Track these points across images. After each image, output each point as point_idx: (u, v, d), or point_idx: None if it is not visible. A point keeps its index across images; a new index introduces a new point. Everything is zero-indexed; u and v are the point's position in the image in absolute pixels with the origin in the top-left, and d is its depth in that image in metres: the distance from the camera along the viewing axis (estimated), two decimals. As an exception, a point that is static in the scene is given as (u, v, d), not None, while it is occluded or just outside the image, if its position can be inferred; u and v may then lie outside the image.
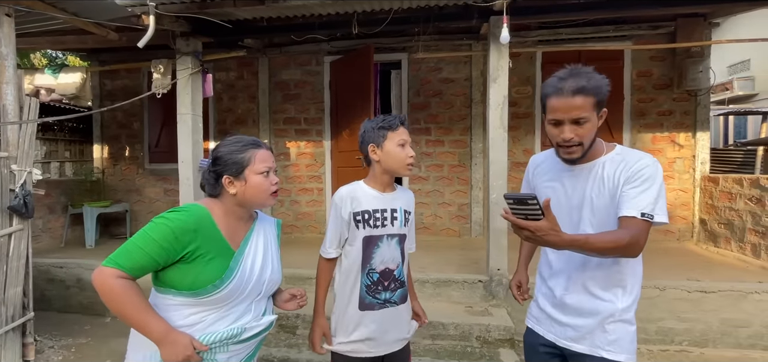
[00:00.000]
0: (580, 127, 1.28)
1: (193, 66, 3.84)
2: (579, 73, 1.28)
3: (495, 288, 3.45)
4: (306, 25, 4.14)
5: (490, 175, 3.45)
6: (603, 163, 1.34)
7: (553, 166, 1.45)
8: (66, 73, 4.34)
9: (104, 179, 5.96)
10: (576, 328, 1.36)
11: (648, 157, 1.31)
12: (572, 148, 1.31)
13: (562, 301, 1.39)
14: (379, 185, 1.57)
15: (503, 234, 3.44)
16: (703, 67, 4.52)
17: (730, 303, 3.18)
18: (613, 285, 1.33)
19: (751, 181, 4.03)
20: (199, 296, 1.18)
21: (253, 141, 1.30)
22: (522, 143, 5.06)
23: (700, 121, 4.76)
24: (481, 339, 3.06)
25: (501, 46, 3.33)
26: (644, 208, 1.23)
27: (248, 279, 1.25)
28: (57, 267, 4.13)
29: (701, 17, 4.53)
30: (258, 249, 1.32)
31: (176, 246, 1.14)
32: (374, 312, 1.56)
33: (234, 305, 1.24)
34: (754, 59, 11.75)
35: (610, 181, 1.31)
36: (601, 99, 1.28)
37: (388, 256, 1.56)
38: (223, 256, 1.21)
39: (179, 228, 1.15)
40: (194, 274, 1.17)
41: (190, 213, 1.19)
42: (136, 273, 1.14)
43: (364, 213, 1.52)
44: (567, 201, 1.39)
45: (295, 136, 5.52)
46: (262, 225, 1.38)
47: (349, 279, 1.56)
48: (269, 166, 1.29)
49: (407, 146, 1.54)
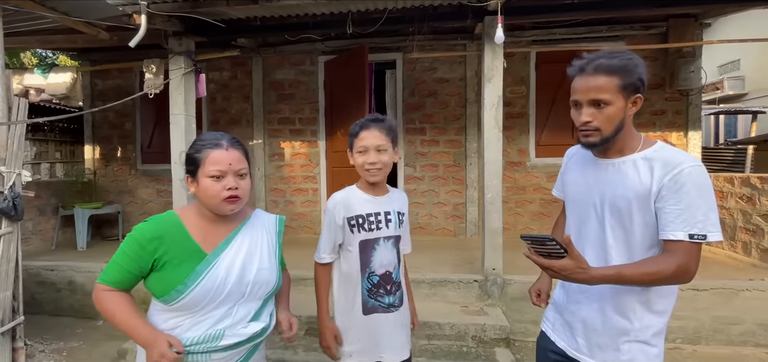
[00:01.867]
0: (598, 110, 1.15)
1: (185, 66, 3.80)
2: (606, 53, 1.17)
3: (490, 288, 3.45)
4: (300, 25, 4.11)
5: (486, 175, 3.46)
6: (634, 160, 1.18)
7: (582, 157, 1.35)
8: (56, 73, 4.27)
9: (96, 180, 5.88)
10: (588, 341, 1.27)
11: (690, 159, 1.12)
12: (589, 132, 1.18)
13: (577, 310, 1.31)
14: (370, 188, 1.55)
15: (498, 233, 3.45)
16: (694, 67, 4.57)
17: (722, 300, 3.22)
18: (635, 302, 1.20)
19: (742, 179, 4.07)
20: (168, 302, 1.16)
21: (215, 139, 1.20)
22: (517, 143, 5.08)
23: (691, 120, 4.81)
24: (477, 338, 3.07)
25: (495, 46, 3.34)
26: (693, 228, 1.08)
27: (223, 282, 1.18)
28: (48, 270, 4.07)
29: (692, 18, 4.57)
30: (240, 250, 1.24)
31: (143, 254, 1.15)
32: (379, 315, 1.54)
33: (210, 309, 1.18)
34: (744, 59, 11.90)
35: (640, 184, 1.16)
36: (631, 82, 1.14)
37: (386, 259, 1.54)
38: (192, 260, 1.17)
39: (143, 237, 1.16)
40: (164, 280, 1.15)
41: (153, 222, 1.19)
42: (120, 286, 1.18)
43: (357, 217, 1.51)
44: (585, 196, 1.28)
45: (289, 136, 5.49)
46: (253, 225, 1.31)
47: (350, 283, 1.55)
48: (221, 169, 1.16)
49: (369, 152, 1.46)
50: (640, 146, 1.21)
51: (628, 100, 1.16)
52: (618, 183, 1.20)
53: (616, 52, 1.18)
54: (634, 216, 1.17)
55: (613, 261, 1.21)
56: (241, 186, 1.20)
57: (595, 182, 1.27)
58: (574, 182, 1.37)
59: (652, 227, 1.17)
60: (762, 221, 3.81)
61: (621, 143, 1.21)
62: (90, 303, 4.18)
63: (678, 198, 1.09)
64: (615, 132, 1.17)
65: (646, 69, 1.18)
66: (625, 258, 1.20)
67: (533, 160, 5.07)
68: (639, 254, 1.19)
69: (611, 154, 1.24)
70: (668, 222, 1.11)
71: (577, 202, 1.34)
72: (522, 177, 5.09)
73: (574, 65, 1.21)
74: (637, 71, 1.15)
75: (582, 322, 1.29)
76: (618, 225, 1.21)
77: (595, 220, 1.26)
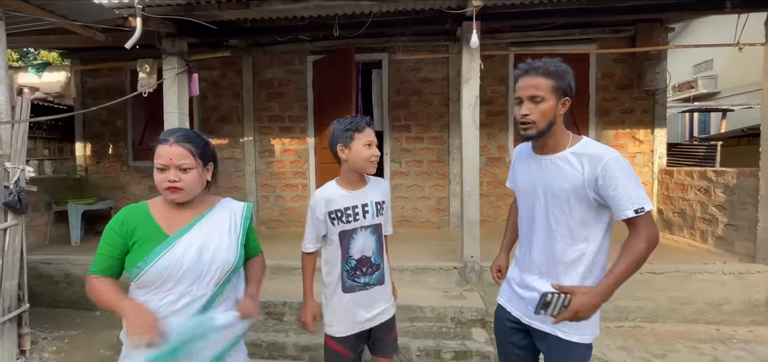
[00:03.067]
0: (535, 105, 1.39)
1: (179, 66, 3.96)
2: (545, 60, 1.42)
3: (469, 274, 3.72)
4: (289, 27, 4.30)
5: (464, 169, 3.71)
6: (566, 155, 1.44)
7: (528, 154, 1.58)
8: (50, 72, 4.38)
9: (87, 176, 5.98)
10: None
11: (610, 151, 1.37)
12: (527, 125, 1.42)
13: (530, 284, 1.53)
14: (349, 183, 1.76)
15: (476, 225, 3.71)
16: (659, 69, 4.89)
17: (677, 282, 3.54)
18: (572, 275, 1.43)
19: (700, 173, 4.42)
20: (133, 278, 1.31)
21: (165, 136, 1.34)
22: (496, 139, 5.35)
23: (657, 118, 5.15)
24: (455, 320, 3.33)
25: (472, 49, 3.58)
26: (635, 204, 1.33)
27: (180, 260, 1.30)
28: (45, 263, 4.20)
29: (658, 23, 4.89)
30: (200, 233, 1.36)
31: (118, 238, 1.31)
32: (355, 293, 1.78)
33: (170, 286, 1.31)
34: (716, 59, 12.42)
35: (573, 176, 1.40)
36: (562, 85, 1.38)
37: (363, 245, 1.77)
38: (153, 241, 1.31)
39: (115, 223, 1.34)
40: (131, 259, 1.31)
41: (124, 211, 1.36)
42: (107, 272, 1.33)
43: (337, 211, 1.72)
44: (531, 187, 1.53)
45: (279, 134, 5.67)
46: (218, 212, 1.44)
47: (333, 268, 1.78)
48: (164, 163, 1.30)
49: (373, 146, 1.71)
50: (569, 143, 1.45)
51: (558, 100, 1.40)
52: (556, 176, 1.45)
53: (552, 60, 1.43)
54: (571, 203, 1.42)
55: (557, 240, 1.47)
56: (182, 178, 1.31)
57: (537, 175, 1.51)
58: (521, 176, 1.60)
59: (585, 210, 1.42)
60: (717, 211, 4.16)
61: (554, 141, 1.46)
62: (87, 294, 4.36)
63: (614, 184, 1.34)
64: (548, 126, 1.42)
65: (573, 78, 1.43)
66: (567, 237, 1.46)
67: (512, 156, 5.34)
68: (576, 232, 1.45)
69: (547, 151, 1.49)
70: (617, 206, 1.35)
71: (525, 193, 1.58)
72: (501, 172, 5.37)
73: (519, 68, 1.46)
74: (567, 78, 1.40)
75: (533, 293, 1.52)
76: (559, 211, 1.45)
77: (541, 207, 1.50)
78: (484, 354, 2.97)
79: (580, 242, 1.44)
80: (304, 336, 3.21)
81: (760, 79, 3.52)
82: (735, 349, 3.18)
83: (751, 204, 3.71)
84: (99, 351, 3.29)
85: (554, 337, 1.47)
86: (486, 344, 3.07)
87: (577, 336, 1.45)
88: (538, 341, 1.55)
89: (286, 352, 3.14)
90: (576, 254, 1.44)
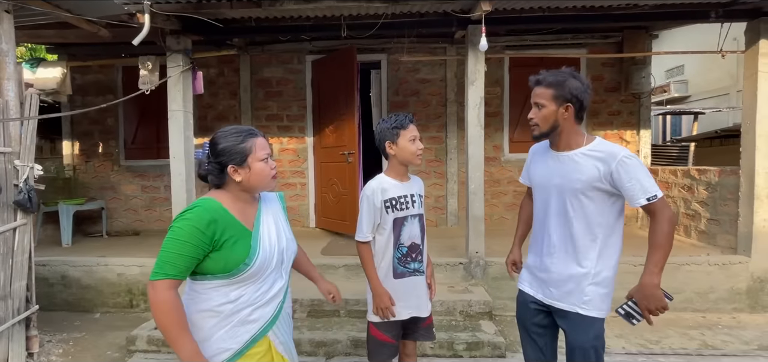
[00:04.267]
0: (538, 111, 1.64)
1: (184, 63, 3.93)
2: (552, 73, 1.64)
3: (474, 269, 3.85)
4: (294, 27, 4.32)
5: (469, 168, 3.84)
6: (582, 152, 1.62)
7: (545, 152, 1.77)
8: (45, 68, 4.24)
9: (76, 176, 5.79)
10: (559, 289, 1.67)
11: (622, 149, 1.56)
12: (532, 126, 1.68)
13: (550, 267, 1.70)
14: (398, 175, 1.90)
15: (481, 221, 3.85)
16: (645, 73, 5.18)
17: (667, 274, 3.70)
18: (590, 256, 1.61)
19: (683, 172, 4.71)
20: (235, 275, 1.31)
21: (250, 130, 1.39)
22: (492, 139, 5.52)
23: (643, 120, 5.45)
24: (464, 313, 3.45)
25: (478, 52, 3.72)
26: (647, 193, 1.51)
27: (270, 251, 1.38)
28: (40, 265, 4.05)
29: (643, 30, 5.18)
30: (270, 224, 1.43)
31: (204, 239, 1.25)
32: (406, 279, 1.89)
33: (265, 276, 1.38)
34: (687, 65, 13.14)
35: (588, 171, 1.58)
36: (562, 94, 1.59)
37: (413, 232, 1.90)
38: (244, 237, 1.33)
39: (201, 222, 1.26)
40: (225, 259, 1.29)
41: (204, 208, 1.29)
42: (185, 275, 1.26)
43: (391, 200, 1.85)
44: (548, 181, 1.72)
45: (277, 133, 5.67)
46: (267, 203, 1.49)
47: (384, 255, 1.87)
48: (268, 152, 1.39)
49: (417, 141, 1.86)
50: (585, 142, 1.64)
51: (559, 106, 1.61)
52: (572, 170, 1.63)
53: (559, 72, 1.64)
54: (587, 193, 1.60)
55: (575, 228, 1.64)
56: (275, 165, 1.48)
57: (555, 169, 1.69)
58: (538, 171, 1.78)
59: (600, 199, 1.60)
60: (699, 207, 4.45)
61: (567, 139, 1.65)
62: (85, 296, 4.28)
63: (628, 177, 1.52)
64: (550, 128, 1.64)
65: (583, 88, 1.61)
66: (583, 223, 1.64)
67: (507, 156, 5.54)
68: (592, 218, 1.62)
69: (563, 148, 1.67)
70: (632, 196, 1.53)
71: (542, 186, 1.77)
72: (497, 171, 5.55)
73: (531, 79, 1.69)
74: (569, 88, 1.60)
75: (555, 275, 1.70)
76: (576, 202, 1.63)
77: (558, 199, 1.68)
78: (495, 345, 3.09)
79: (595, 227, 1.62)
80: (319, 332, 3.25)
81: (727, 85, 3.83)
82: (721, 334, 3.44)
83: (732, 200, 4.00)
84: (107, 352, 3.23)
85: (575, 314, 1.63)
86: (496, 335, 3.19)
87: (596, 312, 1.62)
88: (560, 319, 1.72)
89: (301, 348, 3.17)
90: (592, 237, 1.62)
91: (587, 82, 1.65)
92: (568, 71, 1.65)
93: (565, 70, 1.65)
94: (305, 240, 4.56)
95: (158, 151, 5.58)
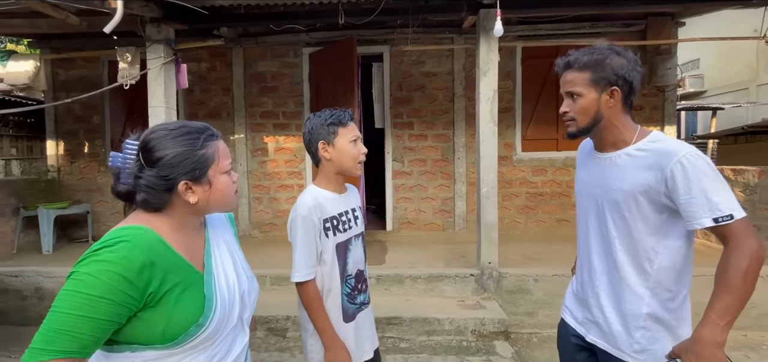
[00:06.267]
0: (573, 102, 1.24)
1: (165, 55, 3.57)
2: (584, 51, 1.23)
3: (486, 282, 3.46)
4: (287, 14, 3.96)
5: (481, 169, 3.45)
6: (629, 152, 1.22)
7: (589, 152, 1.38)
8: (16, 61, 3.91)
9: (60, 178, 5.46)
10: (603, 329, 1.30)
11: (682, 147, 1.14)
12: (567, 122, 1.28)
13: (591, 302, 1.34)
14: (335, 186, 1.48)
15: (494, 228, 3.46)
16: (671, 64, 4.76)
17: (703, 287, 3.32)
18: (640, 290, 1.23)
19: (715, 171, 4.29)
20: (180, 344, 0.89)
21: (206, 130, 0.98)
22: (503, 137, 5.12)
23: (667, 115, 5.02)
24: (477, 332, 3.07)
25: (491, 39, 3.33)
26: (714, 211, 1.09)
27: (230, 300, 0.98)
28: (11, 276, 3.74)
29: (669, 17, 4.75)
30: (225, 261, 1.03)
31: (133, 292, 0.82)
32: (357, 319, 1.49)
33: (223, 337, 0.98)
34: (703, 58, 12.61)
35: (635, 176, 1.19)
36: (603, 75, 1.19)
37: (357, 257, 1.51)
38: (194, 284, 0.93)
39: (130, 268, 0.82)
40: (165, 319, 0.87)
41: (133, 244, 0.84)
42: (90, 350, 0.82)
43: (332, 219, 1.43)
44: (587, 190, 1.34)
45: (273, 131, 5.30)
46: (214, 230, 1.08)
47: (329, 294, 1.43)
48: (231, 159, 1.02)
49: (359, 142, 1.46)
50: (635, 138, 1.23)
51: (601, 92, 1.21)
52: (614, 176, 1.24)
53: (594, 48, 1.23)
54: (632, 207, 1.20)
55: (617, 251, 1.25)
56: None
57: (595, 176, 1.31)
58: (579, 177, 1.41)
59: (652, 216, 1.19)
60: (735, 211, 4.03)
61: (612, 136, 1.25)
62: None
63: (687, 185, 1.10)
64: (592, 123, 1.24)
65: (631, 65, 1.19)
66: (629, 248, 1.23)
67: (519, 155, 5.14)
68: (641, 243, 1.21)
69: (607, 148, 1.28)
70: (690, 213, 1.11)
71: (581, 197, 1.39)
72: (508, 171, 5.15)
73: (558, 63, 1.29)
74: (612, 66, 1.19)
75: (595, 312, 1.32)
76: (618, 218, 1.24)
77: (597, 213, 1.30)
78: (513, 371, 2.72)
79: (647, 251, 1.21)
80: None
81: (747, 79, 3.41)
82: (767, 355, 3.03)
83: (774, 204, 3.59)
84: (76, 377, 2.88)
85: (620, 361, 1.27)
86: (512, 359, 2.82)
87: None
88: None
89: (291, 374, 2.82)
90: (641, 265, 1.22)
91: (633, 55, 1.22)
92: (606, 46, 1.23)
93: (602, 46, 1.23)
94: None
95: (146, 151, 5.23)
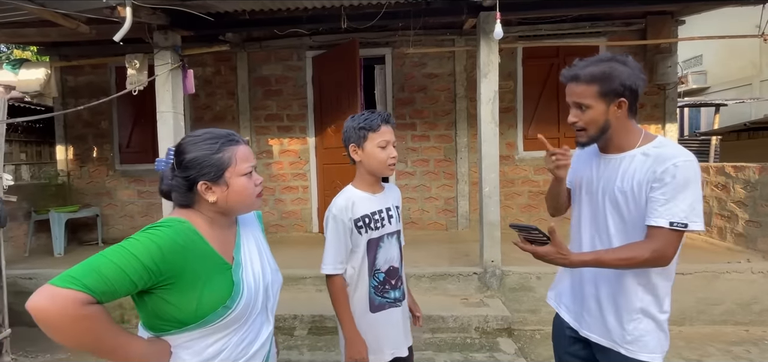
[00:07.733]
0: (582, 112, 1.29)
1: (172, 61, 3.65)
2: (591, 61, 1.27)
3: (489, 280, 3.52)
4: (290, 19, 4.02)
5: (483, 169, 3.51)
6: (633, 155, 1.28)
7: (591, 152, 1.43)
8: (28, 69, 4.00)
9: (70, 182, 5.57)
10: (596, 321, 1.36)
11: (683, 154, 1.20)
12: (578, 132, 1.33)
13: (585, 294, 1.39)
14: (368, 186, 1.55)
15: (496, 227, 3.51)
16: (671, 62, 4.79)
17: (705, 283, 3.41)
18: (636, 284, 1.28)
19: (717, 168, 4.32)
20: (212, 323, 1.00)
21: (229, 136, 1.07)
22: (505, 137, 5.17)
23: (668, 113, 5.05)
24: (480, 329, 3.12)
25: (491, 41, 3.38)
26: (674, 216, 1.15)
27: (256, 288, 1.09)
28: (25, 278, 3.83)
29: (669, 15, 4.78)
30: (253, 253, 1.15)
31: (163, 266, 0.93)
32: (385, 311, 1.54)
33: (250, 322, 1.09)
34: (706, 55, 12.58)
35: (635, 178, 1.25)
36: (611, 88, 1.23)
37: (390, 254, 1.56)
38: (222, 272, 1.04)
39: (168, 246, 0.94)
40: (197, 299, 0.97)
41: (176, 229, 0.97)
42: (108, 298, 0.89)
43: (363, 218, 1.50)
44: (593, 188, 1.38)
45: (277, 133, 5.38)
46: (245, 226, 1.19)
47: (358, 286, 1.52)
48: (252, 164, 1.09)
49: (389, 146, 1.48)
50: (640, 142, 1.29)
51: (610, 104, 1.26)
52: (617, 177, 1.30)
53: (601, 58, 1.28)
54: (632, 208, 1.26)
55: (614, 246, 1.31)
56: None
57: (599, 175, 1.37)
58: (580, 174, 1.45)
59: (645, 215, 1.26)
60: (736, 207, 4.06)
61: (618, 140, 1.31)
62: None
63: (663, 188, 1.18)
64: (600, 131, 1.30)
65: (634, 74, 1.24)
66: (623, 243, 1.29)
67: (521, 154, 5.19)
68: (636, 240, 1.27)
69: (612, 150, 1.34)
70: (652, 210, 1.20)
71: (581, 192, 1.44)
72: (510, 170, 5.20)
73: (563, 74, 1.33)
74: (619, 78, 1.23)
75: (589, 303, 1.38)
76: (617, 216, 1.30)
77: (597, 209, 1.36)
78: (516, 367, 2.78)
79: None
80: (320, 352, 2.96)
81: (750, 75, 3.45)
82: (768, 350, 3.07)
83: (775, 200, 3.62)
84: (90, 375, 2.97)
85: (616, 354, 1.32)
86: (516, 355, 2.87)
87: (646, 353, 1.28)
88: (599, 354, 1.40)
89: (300, 371, 2.89)
90: None
91: (635, 63, 1.28)
92: (609, 56, 1.28)
93: (605, 56, 1.29)
94: (308, 246, 4.33)
95: (154, 155, 5.27)
